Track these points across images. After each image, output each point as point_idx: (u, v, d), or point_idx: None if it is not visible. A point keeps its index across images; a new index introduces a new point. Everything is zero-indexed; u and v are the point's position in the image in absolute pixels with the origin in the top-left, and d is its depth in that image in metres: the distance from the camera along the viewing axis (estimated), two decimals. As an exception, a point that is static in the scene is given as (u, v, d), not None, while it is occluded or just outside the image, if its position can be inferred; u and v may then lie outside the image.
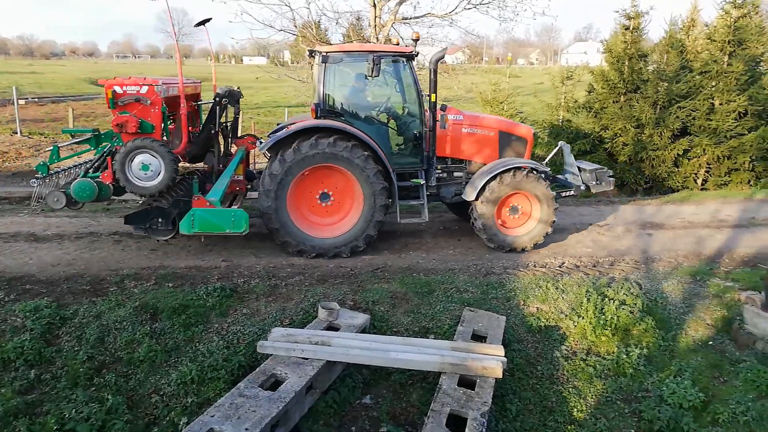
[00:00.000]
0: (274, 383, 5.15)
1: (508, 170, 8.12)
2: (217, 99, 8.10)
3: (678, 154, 14.52)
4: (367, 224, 7.98)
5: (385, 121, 8.54)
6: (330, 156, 7.61)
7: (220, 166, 8.33)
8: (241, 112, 8.54)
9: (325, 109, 7.99)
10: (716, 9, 15.16)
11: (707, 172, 14.68)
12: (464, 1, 17.21)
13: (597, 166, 9.15)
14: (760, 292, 6.87)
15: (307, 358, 5.41)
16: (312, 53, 8.82)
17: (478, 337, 6.10)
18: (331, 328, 6.12)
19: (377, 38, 17.59)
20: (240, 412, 4.59)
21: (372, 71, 7.55)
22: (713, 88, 14.48)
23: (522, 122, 17.13)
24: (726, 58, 14.47)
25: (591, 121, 15.94)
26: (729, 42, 14.39)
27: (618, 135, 15.00)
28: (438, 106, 8.17)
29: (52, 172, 7.76)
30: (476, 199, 8.19)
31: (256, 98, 34.13)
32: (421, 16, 17.74)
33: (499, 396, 5.63)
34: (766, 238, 9.32)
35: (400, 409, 5.63)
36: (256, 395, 4.84)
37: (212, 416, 4.55)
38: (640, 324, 6.62)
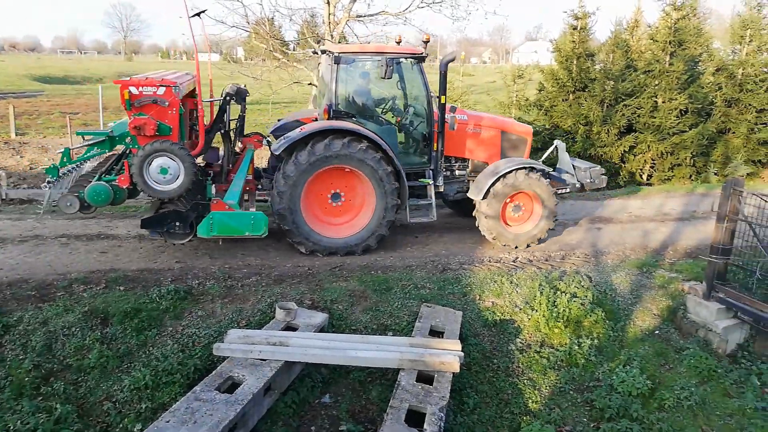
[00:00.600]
0: (231, 386, 5.08)
1: (513, 170, 8.27)
2: (228, 98, 7.94)
3: (624, 151, 15.08)
4: (378, 224, 8.06)
5: (395, 121, 8.65)
6: (343, 157, 7.63)
7: (230, 165, 8.19)
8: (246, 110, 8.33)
9: (337, 109, 8.00)
10: (658, 11, 15.80)
11: (652, 167, 15.29)
12: (418, -1, 17.32)
13: (591, 164, 9.46)
14: (702, 282, 7.20)
15: (264, 359, 5.36)
16: (322, 52, 8.80)
17: (435, 333, 6.18)
18: (289, 328, 6.08)
19: (332, 36, 17.51)
20: (196, 416, 4.51)
21: (385, 73, 7.63)
22: (656, 87, 15.08)
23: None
24: (668, 58, 15.10)
25: (542, 119, 16.34)
26: (670, 42, 15.01)
27: (568, 132, 15.43)
28: (447, 107, 8.28)
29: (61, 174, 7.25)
30: (483, 198, 8.30)
31: (208, 96, 33.45)
32: (375, 14, 17.76)
33: (457, 390, 5.73)
34: (706, 231, 9.76)
35: (360, 407, 5.65)
36: (212, 398, 4.76)
37: (167, 421, 4.46)
38: (590, 315, 6.85)
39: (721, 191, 6.81)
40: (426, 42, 8.68)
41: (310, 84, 18.48)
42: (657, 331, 6.98)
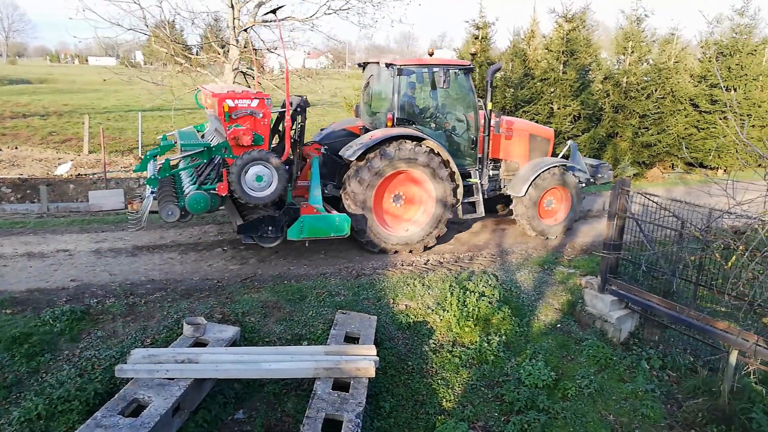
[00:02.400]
0: (136, 408, 4.80)
1: (549, 168, 9.30)
2: (299, 108, 8.09)
3: (525, 154, 15.88)
4: (437, 222, 8.66)
5: (447, 126, 9.29)
6: (410, 161, 8.24)
7: (298, 172, 8.27)
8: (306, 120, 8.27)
9: (400, 117, 8.60)
10: (552, 22, 16.82)
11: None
12: (324, 6, 17.33)
13: (600, 161, 10.76)
14: (597, 277, 7.72)
15: (172, 378, 5.11)
16: (365, 65, 9.70)
17: (351, 339, 6.18)
18: (199, 344, 5.85)
19: (237, 40, 17.12)
20: (98, 444, 4.22)
21: (444, 82, 8.33)
22: (552, 94, 16.05)
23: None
24: (561, 67, 16.11)
25: (449, 125, 16.85)
26: (563, 52, 16.03)
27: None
28: (493, 113, 9.17)
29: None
30: (524, 195, 9.25)
31: (105, 102, 31.53)
32: (282, 20, 17.56)
33: (374, 395, 5.76)
34: (600, 228, 10.49)
35: (275, 420, 5.53)
36: (116, 424, 4.48)
37: (65, 453, 4.13)
38: (498, 313, 7.13)
39: (611, 191, 7.33)
40: (473, 55, 10.06)
41: (215, 90, 17.91)
42: (559, 325, 7.39)
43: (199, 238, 9.11)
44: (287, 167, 7.53)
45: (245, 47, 17.11)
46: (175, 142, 8.49)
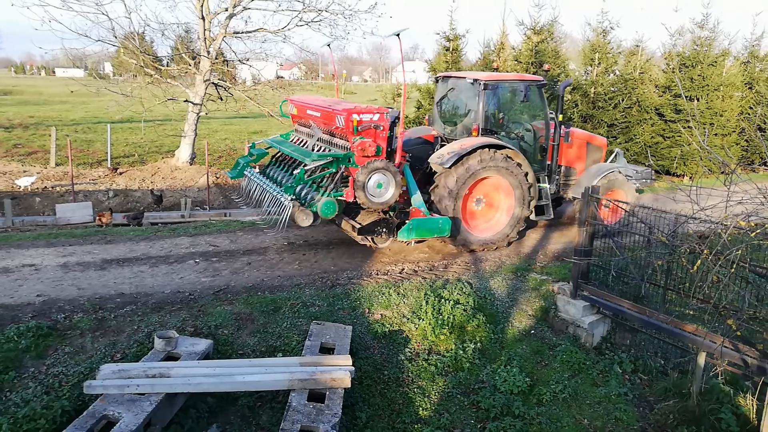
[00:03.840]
0: (106, 425, 4.68)
1: (609, 173, 10.24)
2: (396, 120, 8.62)
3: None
4: (517, 221, 9.50)
5: (520, 135, 10.06)
6: (494, 168, 9.04)
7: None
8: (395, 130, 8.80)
9: (484, 127, 9.42)
10: (521, 34, 17.15)
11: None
12: (296, 18, 17.37)
13: (643, 167, 11.70)
14: (569, 282, 7.83)
15: (144, 394, 5.00)
16: (439, 80, 10.61)
17: (326, 350, 6.13)
18: (171, 358, 5.73)
19: (208, 52, 17.02)
20: (65, 463, 4.10)
21: (525, 96, 9.39)
22: (522, 105, 16.28)
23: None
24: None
25: (422, 135, 16.97)
26: (532, 63, 16.34)
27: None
28: (562, 125, 10.13)
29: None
30: None
31: (72, 114, 30.93)
32: (254, 31, 17.54)
33: (350, 405, 5.72)
34: (571, 235, 10.66)
35: (250, 434, 5.45)
36: (84, 442, 4.36)
37: (30, 474, 4.00)
38: (473, 320, 7.17)
39: (581, 199, 7.47)
40: (546, 71, 11.26)
41: (186, 101, 17.78)
42: (533, 331, 7.46)
43: (170, 251, 8.97)
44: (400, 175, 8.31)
45: (216, 58, 17.02)
46: (267, 149, 9.71)
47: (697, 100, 17.99)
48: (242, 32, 17.61)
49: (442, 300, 7.38)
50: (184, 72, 18.33)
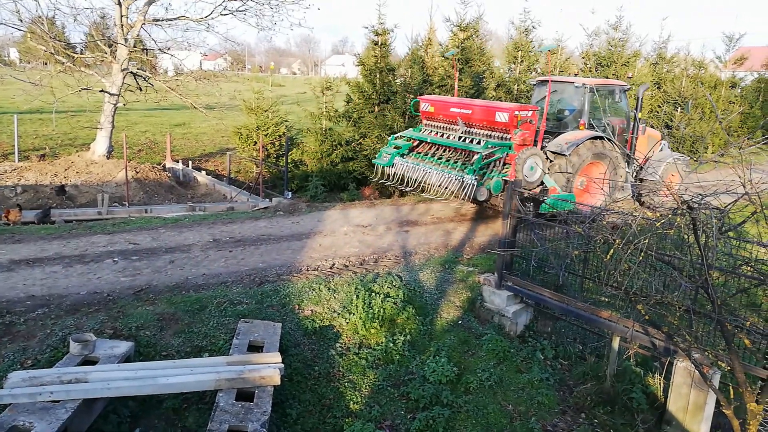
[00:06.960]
0: (15, 438, 4.39)
1: (672, 160, 12.02)
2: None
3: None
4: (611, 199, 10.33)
5: (612, 129, 11.66)
6: (599, 155, 10.88)
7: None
8: None
9: (588, 122, 11.17)
10: (447, 31, 17.44)
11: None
12: (220, 6, 16.86)
13: (680, 154, 13.73)
14: (494, 273, 8.09)
15: (58, 401, 4.73)
16: (541, 84, 12.19)
17: (255, 348, 6.02)
18: (88, 362, 5.44)
19: (125, 39, 16.21)
20: (-31, 481, 3.81)
21: (618, 97, 11.77)
22: (449, 100, 16.60)
23: (288, 129, 17.54)
24: (457, 74, 16.71)
25: (351, 130, 16.95)
26: (459, 60, 16.64)
27: (375, 142, 16.22)
28: (640, 122, 11.86)
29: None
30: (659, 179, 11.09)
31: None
32: (174, 19, 16.87)
33: (279, 403, 5.66)
34: (496, 228, 11.02)
35: (175, 437, 5.27)
36: (-10, 456, 4.06)
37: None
38: (403, 313, 7.27)
39: (504, 192, 7.73)
40: (630, 77, 13.81)
41: (102, 91, 16.87)
42: (460, 321, 7.66)
43: (86, 250, 8.50)
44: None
45: (135, 47, 16.25)
46: (410, 140, 11.29)
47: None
48: (163, 19, 16.89)
49: (373, 294, 7.42)
50: (99, 60, 17.37)
